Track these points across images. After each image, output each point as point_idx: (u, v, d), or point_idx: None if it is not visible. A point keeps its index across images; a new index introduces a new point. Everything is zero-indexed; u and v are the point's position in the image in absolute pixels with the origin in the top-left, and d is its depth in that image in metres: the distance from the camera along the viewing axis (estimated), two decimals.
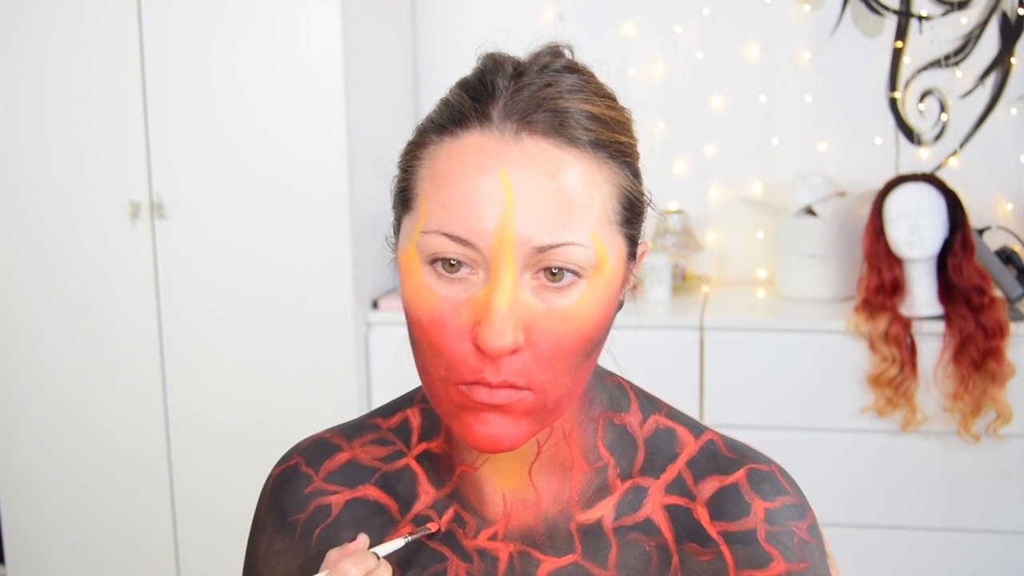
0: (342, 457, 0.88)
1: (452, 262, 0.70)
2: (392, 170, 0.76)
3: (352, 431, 0.89)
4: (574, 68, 0.75)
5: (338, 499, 0.86)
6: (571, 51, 0.77)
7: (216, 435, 2.38)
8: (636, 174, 0.75)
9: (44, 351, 2.40)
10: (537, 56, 0.75)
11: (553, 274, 0.70)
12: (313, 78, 2.24)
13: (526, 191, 0.69)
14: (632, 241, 0.76)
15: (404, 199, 0.74)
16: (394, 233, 0.77)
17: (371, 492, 0.85)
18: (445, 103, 0.74)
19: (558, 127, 0.70)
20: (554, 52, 0.76)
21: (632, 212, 0.74)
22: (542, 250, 0.69)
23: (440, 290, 0.71)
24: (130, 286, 2.34)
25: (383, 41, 2.56)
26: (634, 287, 0.80)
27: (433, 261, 0.71)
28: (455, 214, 0.70)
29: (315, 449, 0.89)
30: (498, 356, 0.69)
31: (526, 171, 0.69)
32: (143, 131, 2.28)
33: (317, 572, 0.82)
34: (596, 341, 0.74)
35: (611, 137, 0.72)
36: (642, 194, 0.76)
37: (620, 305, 0.79)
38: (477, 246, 0.69)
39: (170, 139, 2.29)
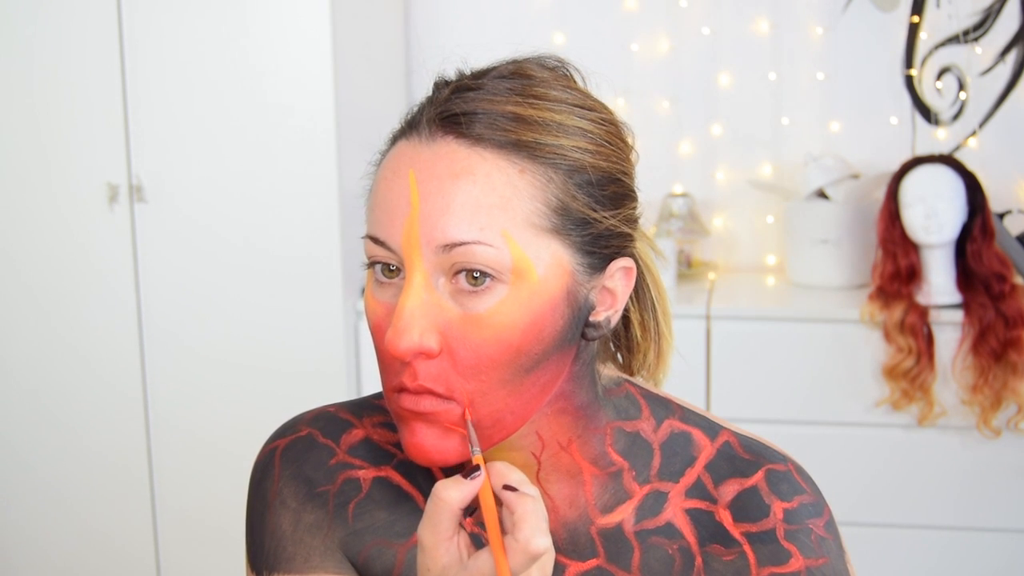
0: (358, 433, 0.87)
1: (391, 267, 0.73)
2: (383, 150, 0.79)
3: (358, 409, 0.88)
4: (526, 75, 0.76)
5: (365, 475, 0.85)
6: (573, 67, 0.79)
7: (199, 428, 2.34)
8: (590, 183, 0.74)
9: (18, 341, 2.36)
10: (510, 63, 0.77)
11: (475, 278, 0.71)
12: (300, 55, 2.20)
13: (431, 191, 0.71)
14: (589, 253, 0.75)
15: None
16: None
17: (393, 476, 0.85)
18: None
19: (468, 127, 0.72)
20: (538, 61, 0.78)
21: (569, 219, 0.73)
22: (447, 248, 0.70)
23: (379, 295, 0.75)
24: (108, 273, 2.31)
25: (373, 16, 2.52)
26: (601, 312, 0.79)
27: (371, 266, 0.75)
28: (376, 217, 0.74)
29: (326, 421, 0.87)
30: (402, 357, 0.70)
31: (432, 171, 0.71)
32: (121, 110, 2.25)
33: (358, 553, 0.83)
34: (530, 355, 0.73)
35: (536, 138, 0.72)
36: (585, 203, 0.74)
37: (604, 326, 0.78)
38: (392, 247, 0.72)
39: (150, 119, 2.25)
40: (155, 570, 2.40)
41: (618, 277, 0.78)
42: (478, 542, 0.82)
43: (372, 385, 2.33)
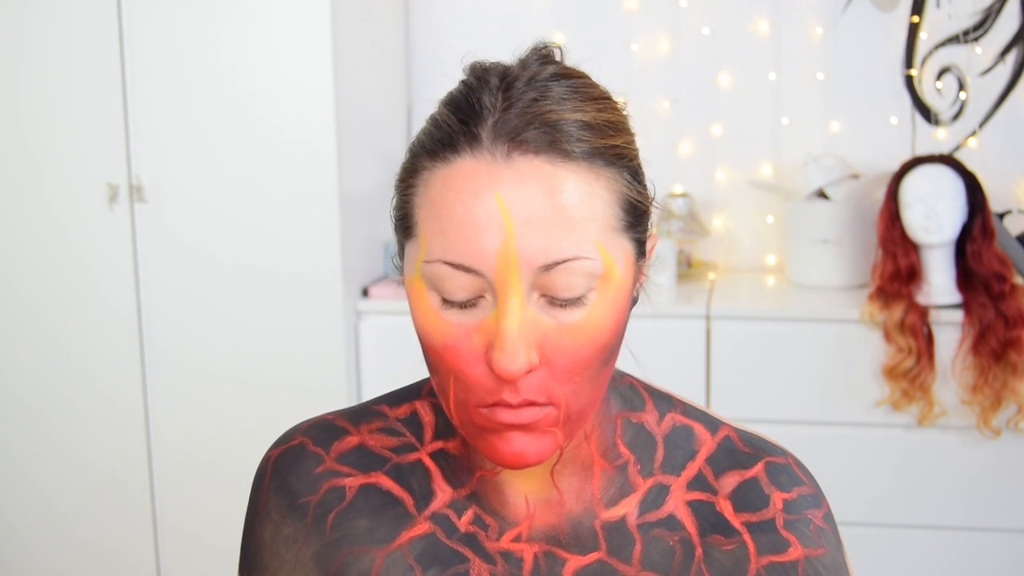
0: (351, 440, 0.87)
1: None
2: (383, 150, 0.81)
3: (356, 416, 0.88)
4: (564, 74, 0.76)
5: (352, 482, 0.85)
6: (560, 52, 0.78)
7: (199, 431, 2.33)
8: (636, 173, 0.76)
9: (17, 340, 2.35)
10: (525, 64, 0.76)
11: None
12: (299, 54, 2.20)
13: (524, 212, 0.70)
14: (641, 242, 0.77)
15: (404, 226, 0.76)
16: (399, 255, 0.79)
17: (384, 481, 0.85)
18: (434, 124, 0.75)
19: (550, 142, 0.71)
20: (542, 58, 0.77)
21: (635, 216, 0.75)
22: (548, 268, 0.70)
23: (450, 316, 0.73)
24: (108, 273, 2.30)
25: (373, 16, 2.52)
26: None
27: (444, 299, 0.73)
28: (455, 242, 0.71)
29: (320, 430, 0.88)
30: (514, 379, 0.71)
31: (522, 192, 0.70)
32: (122, 109, 2.24)
33: (331, 563, 0.83)
34: (612, 348, 0.75)
35: (606, 143, 0.73)
36: (644, 195, 0.76)
37: (635, 301, 0.81)
38: (481, 272, 0.71)
39: (151, 119, 2.24)
40: (154, 561, 2.39)
41: (650, 251, 0.80)
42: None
43: (372, 384, 2.32)
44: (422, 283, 0.73)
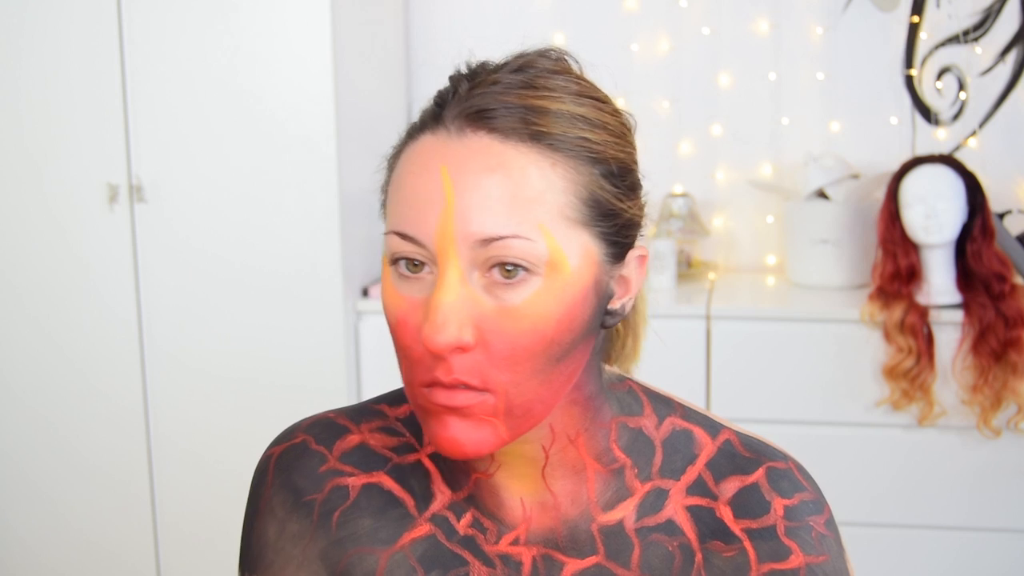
0: (353, 439, 0.87)
1: (416, 262, 0.73)
2: (383, 150, 0.80)
3: (357, 414, 0.89)
4: (557, 70, 0.76)
5: (355, 482, 0.85)
6: (576, 62, 0.79)
7: (199, 431, 2.33)
8: (612, 173, 0.75)
9: (16, 343, 2.35)
10: (520, 56, 0.77)
11: (507, 271, 0.71)
12: (300, 53, 2.20)
13: (466, 186, 0.71)
14: (613, 243, 0.76)
15: (384, 206, 0.78)
16: None
17: (385, 481, 0.85)
18: (420, 113, 0.78)
19: (501, 122, 0.72)
20: (540, 54, 0.78)
21: (600, 212, 0.75)
22: (486, 243, 0.70)
23: (403, 290, 0.74)
24: (108, 273, 2.30)
25: (373, 16, 2.52)
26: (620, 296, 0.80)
27: (394, 261, 0.74)
28: (404, 213, 0.73)
29: (322, 428, 0.88)
30: (441, 352, 0.71)
31: (466, 166, 0.71)
32: (122, 109, 2.24)
33: (337, 562, 0.84)
34: (562, 344, 0.74)
35: (570, 133, 0.73)
36: (618, 197, 0.76)
37: (620, 314, 0.80)
38: (424, 243, 0.72)
39: (151, 118, 2.24)
40: (153, 554, 2.39)
41: (633, 265, 0.79)
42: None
43: (372, 384, 2.32)
44: (386, 259, 0.75)
